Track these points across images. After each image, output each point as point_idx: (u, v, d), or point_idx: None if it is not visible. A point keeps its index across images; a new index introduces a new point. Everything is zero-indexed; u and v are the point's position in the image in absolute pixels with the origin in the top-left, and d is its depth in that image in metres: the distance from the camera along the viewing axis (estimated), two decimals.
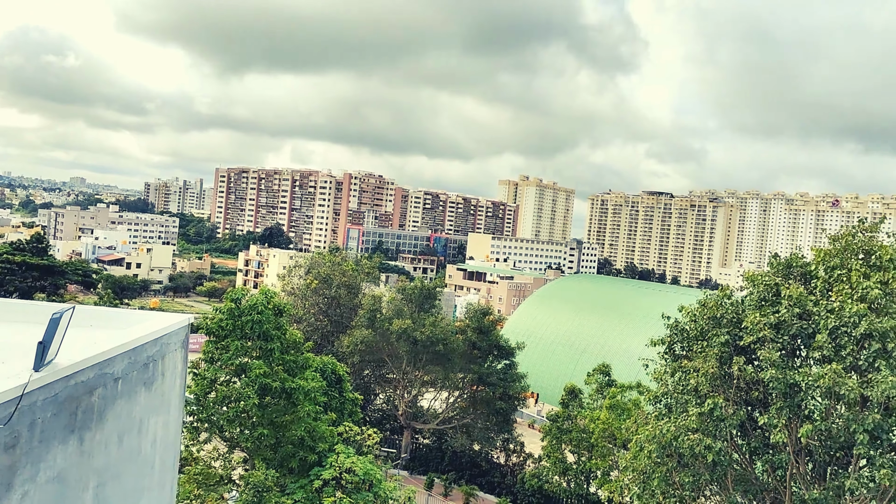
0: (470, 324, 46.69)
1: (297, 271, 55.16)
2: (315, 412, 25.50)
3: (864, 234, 23.02)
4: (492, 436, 45.48)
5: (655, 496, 23.14)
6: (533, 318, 75.18)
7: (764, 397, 22.11)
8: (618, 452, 33.32)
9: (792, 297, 21.82)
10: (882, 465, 18.99)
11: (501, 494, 42.09)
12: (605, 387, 39.60)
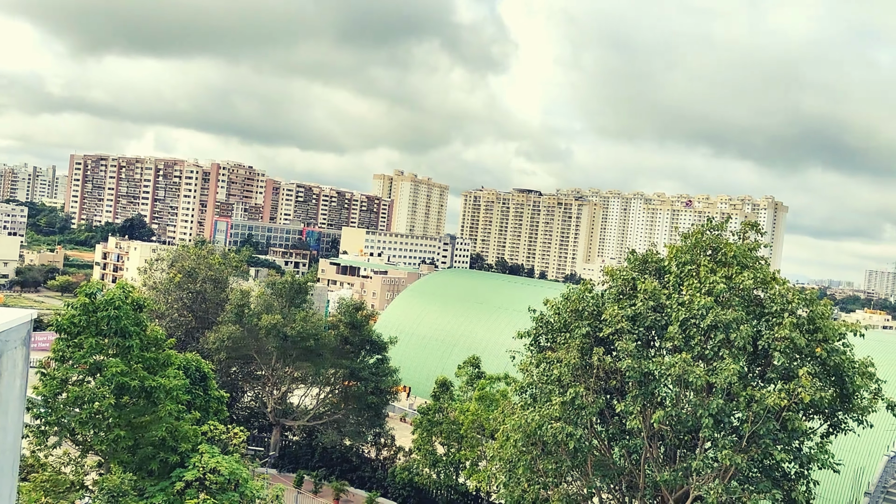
0: (342, 319, 46.28)
1: (159, 265, 52.58)
2: (177, 411, 24.44)
3: (711, 233, 24.77)
4: (363, 430, 45.34)
5: (521, 483, 23.91)
6: (406, 313, 75.58)
7: (621, 386, 23.34)
8: (486, 443, 34.15)
9: (647, 291, 23.16)
10: (724, 446, 20.55)
11: (372, 489, 42.06)
12: (475, 379, 40.46)
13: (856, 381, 22.26)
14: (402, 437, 48.47)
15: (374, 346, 46.70)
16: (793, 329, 21.07)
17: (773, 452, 20.54)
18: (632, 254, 26.47)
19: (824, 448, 21.68)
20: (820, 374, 21.78)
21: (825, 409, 22.44)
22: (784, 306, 22.05)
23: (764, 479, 21.43)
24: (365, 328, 46.77)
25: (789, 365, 21.26)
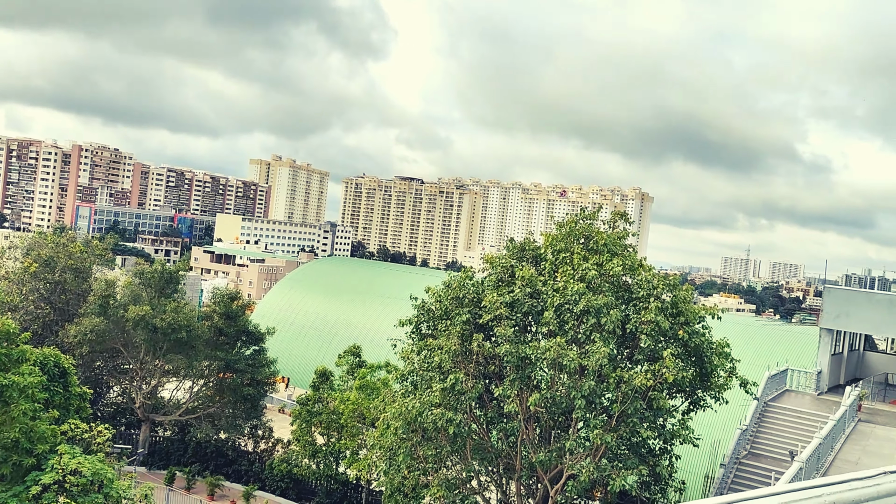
0: (217, 309, 44.61)
1: (12, 253, 48.60)
2: (33, 410, 22.71)
3: (584, 222, 25.70)
4: (239, 423, 44.00)
5: (401, 470, 23.99)
6: (285, 302, 73.97)
7: (500, 371, 23.85)
8: (367, 431, 34.02)
9: (524, 278, 23.74)
10: (595, 426, 21.44)
11: (249, 482, 40.98)
12: (356, 368, 40.18)
13: (714, 360, 23.84)
14: (280, 429, 47.49)
15: (250, 337, 45.38)
16: (658, 313, 22.24)
17: (640, 430, 21.65)
18: (510, 242, 27.04)
19: (685, 424, 23.10)
20: (682, 355, 23.17)
21: (686, 388, 23.90)
22: (650, 291, 23.23)
23: (631, 456, 22.56)
24: (241, 318, 45.34)
25: (655, 347, 22.43)
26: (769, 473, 26.94)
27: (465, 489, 24.08)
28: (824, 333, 36.78)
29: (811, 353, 40.01)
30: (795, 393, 36.04)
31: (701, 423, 28.79)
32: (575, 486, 21.84)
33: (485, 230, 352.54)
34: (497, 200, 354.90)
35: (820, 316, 37.12)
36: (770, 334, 54.68)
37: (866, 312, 35.22)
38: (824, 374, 36.66)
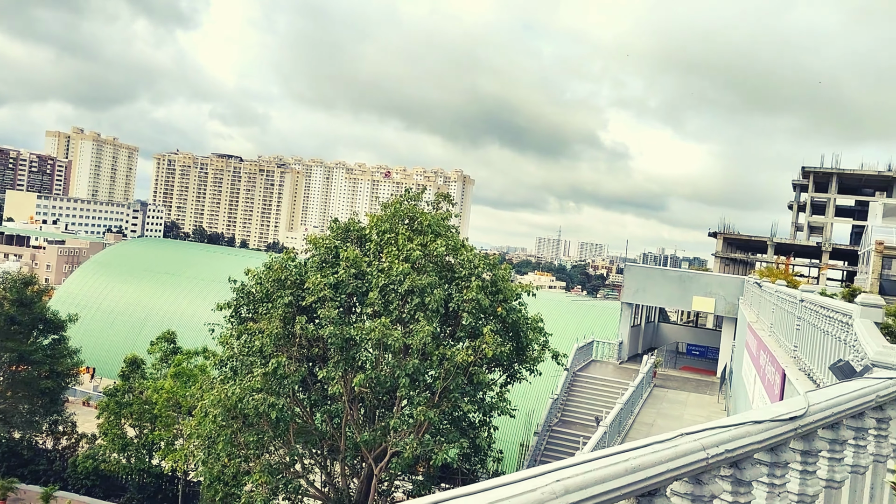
0: (8, 296, 40.29)
1: None
2: None
3: (409, 203, 26.00)
4: (37, 420, 40.16)
5: (221, 459, 23.11)
6: (90, 287, 68.32)
7: (324, 353, 23.61)
8: (183, 421, 32.40)
9: (349, 259, 23.61)
10: (418, 403, 21.87)
11: (49, 482, 37.64)
12: (171, 354, 38.07)
13: (529, 335, 25.14)
14: (85, 423, 43.98)
15: (48, 326, 41.46)
16: (478, 291, 23.06)
17: (462, 405, 22.40)
18: (334, 223, 26.76)
19: (503, 397, 24.20)
20: (500, 330, 24.21)
21: (504, 362, 25.04)
22: (471, 271, 24.01)
23: (453, 430, 23.29)
24: (37, 305, 41.29)
25: (475, 324, 23.25)
26: (577, 439, 28.99)
27: (289, 473, 23.69)
28: (625, 307, 40.03)
29: (614, 326, 43.47)
30: (600, 362, 39.01)
31: (517, 394, 30.36)
32: (399, 463, 22.21)
33: (308, 210, 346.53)
34: (320, 180, 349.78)
35: (621, 291, 40.35)
36: (578, 309, 58.61)
37: (660, 288, 38.79)
38: (625, 344, 39.96)
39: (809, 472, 3.23)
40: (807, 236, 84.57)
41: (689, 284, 37.81)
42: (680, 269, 51.90)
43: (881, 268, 45.98)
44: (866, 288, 43.87)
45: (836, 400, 3.39)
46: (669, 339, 49.00)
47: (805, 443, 3.21)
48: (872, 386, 3.81)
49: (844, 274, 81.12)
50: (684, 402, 32.46)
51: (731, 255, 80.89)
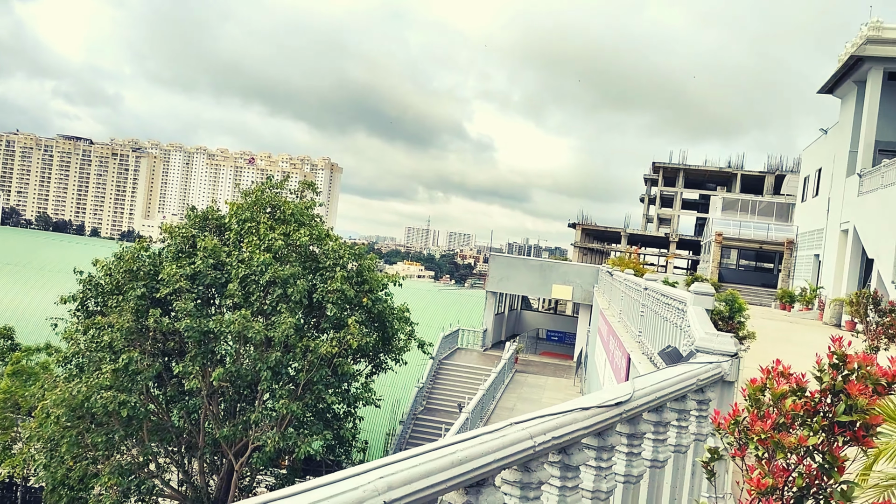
0: None
1: None
2: None
3: (271, 191, 25.32)
4: None
5: (65, 462, 21.62)
6: None
7: (180, 347, 22.60)
8: (22, 423, 30.01)
9: (207, 249, 22.69)
10: (281, 395, 21.43)
11: None
12: (8, 352, 35.16)
13: (395, 325, 25.23)
14: None
15: None
16: (343, 282, 22.85)
17: (326, 397, 22.15)
18: (191, 211, 25.62)
19: (368, 387, 24.16)
20: (366, 321, 24.14)
21: (370, 353, 25.00)
22: (336, 261, 23.75)
23: (317, 422, 23.02)
24: None
25: (340, 315, 23.03)
26: (440, 426, 29.48)
27: (143, 473, 22.53)
28: (489, 295, 41.05)
29: (480, 314, 44.47)
30: (466, 350, 39.82)
31: (383, 384, 30.41)
32: (260, 458, 21.67)
33: (166, 197, 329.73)
34: (180, 165, 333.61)
35: (486, 280, 41.34)
36: (445, 298, 59.49)
37: (522, 276, 40.07)
38: (489, 331, 41.00)
39: (635, 454, 3.42)
40: (657, 227, 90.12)
41: (549, 273, 39.31)
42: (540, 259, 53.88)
43: (720, 257, 49.80)
44: (707, 275, 47.41)
45: (660, 384, 3.61)
46: (531, 325, 50.79)
47: (631, 426, 3.39)
48: (694, 370, 4.10)
49: (690, 263, 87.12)
50: (543, 386, 33.77)
51: (589, 245, 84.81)
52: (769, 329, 23.51)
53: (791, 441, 2.40)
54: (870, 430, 2.48)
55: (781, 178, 68.51)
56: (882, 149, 33.16)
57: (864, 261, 32.19)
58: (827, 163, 39.06)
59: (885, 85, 33.32)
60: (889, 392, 2.52)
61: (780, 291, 39.34)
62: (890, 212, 27.77)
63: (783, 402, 2.47)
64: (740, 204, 53.99)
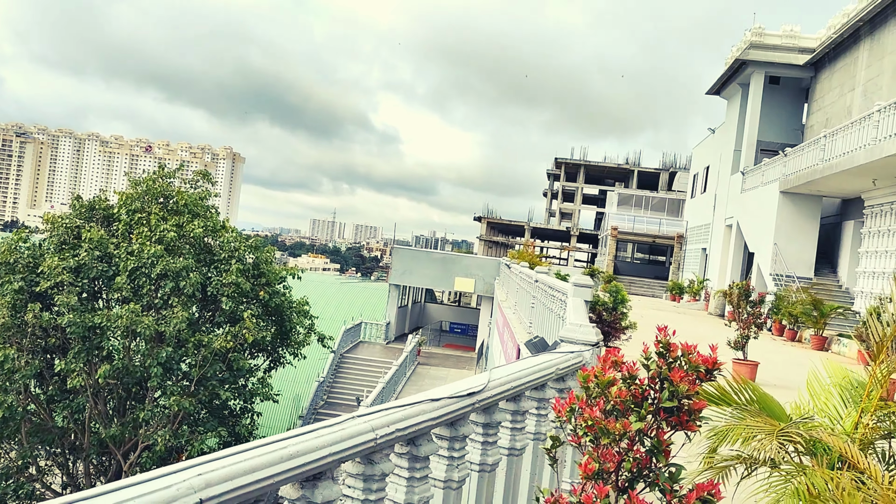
0: None
1: None
2: None
3: (163, 180, 24.37)
4: None
5: None
6: None
7: (63, 343, 21.48)
8: None
9: (93, 240, 21.63)
10: (173, 392, 20.73)
11: None
12: None
13: (293, 319, 24.84)
14: None
15: None
16: (239, 275, 22.28)
17: (220, 393, 21.57)
18: (76, 200, 24.33)
19: (265, 382, 23.68)
20: (263, 315, 23.66)
21: (267, 347, 24.51)
22: (231, 253, 23.13)
23: (212, 419, 22.39)
24: None
25: (236, 308, 22.47)
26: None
27: (22, 477, 21.30)
28: (393, 288, 41.04)
29: (384, 307, 44.38)
30: (368, 343, 39.69)
31: (283, 378, 29.94)
32: (151, 457, 20.90)
33: (55, 186, 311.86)
34: (70, 152, 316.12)
35: (389, 273, 41.33)
36: (349, 291, 59.08)
37: (426, 269, 40.27)
38: (392, 324, 41.00)
39: (490, 443, 3.50)
40: (559, 221, 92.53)
41: (452, 266, 39.68)
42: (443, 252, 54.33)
43: (616, 250, 51.64)
44: (604, 268, 49.06)
45: (517, 374, 3.70)
46: (435, 318, 51.16)
47: (486, 415, 3.46)
48: (555, 360, 4.23)
49: (590, 256, 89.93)
50: (445, 377, 34.08)
51: (494, 239, 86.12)
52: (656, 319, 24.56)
53: (617, 427, 2.52)
54: (693, 415, 2.63)
55: (675, 175, 71.66)
56: (763, 148, 35.20)
57: (746, 254, 34.13)
58: (714, 161, 41.13)
59: (766, 88, 35.34)
60: (710, 378, 2.68)
61: (671, 283, 41.22)
62: (768, 208, 29.55)
63: (609, 390, 2.59)
64: (635, 199, 56.18)
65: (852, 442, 3.54)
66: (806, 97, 35.73)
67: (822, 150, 24.56)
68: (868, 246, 24.73)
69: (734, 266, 34.84)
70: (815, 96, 33.88)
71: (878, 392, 3.67)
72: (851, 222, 27.71)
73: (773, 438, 3.04)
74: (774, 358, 15.70)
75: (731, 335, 11.81)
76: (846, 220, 28.49)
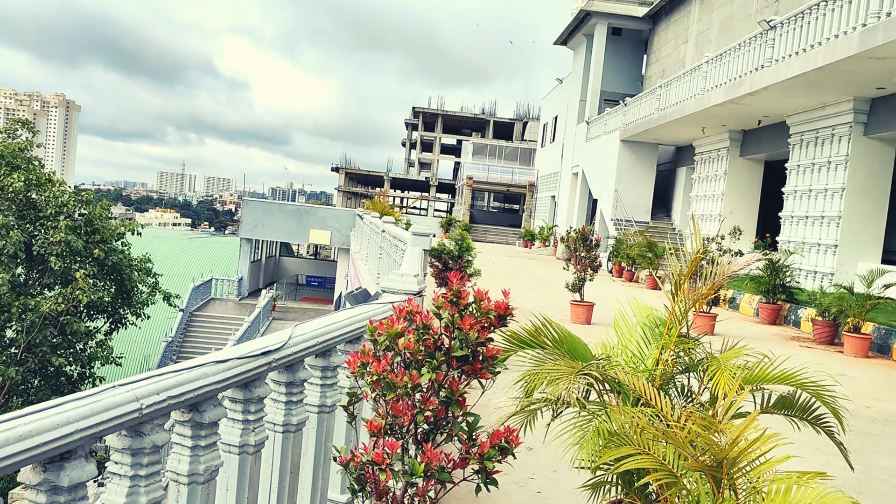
0: None
1: None
2: None
3: None
4: None
5: None
6: None
7: None
8: None
9: None
10: None
11: None
12: None
13: (134, 277, 23.41)
14: None
15: None
16: (69, 232, 20.63)
17: (52, 360, 20.07)
18: None
19: (106, 346, 22.28)
20: (99, 274, 22.11)
21: (107, 308, 23.01)
22: (59, 209, 21.32)
23: (45, 388, 20.86)
24: None
25: (67, 268, 20.85)
26: None
27: None
28: (244, 243, 39.68)
29: (236, 262, 42.83)
30: (220, 300, 38.31)
31: (127, 340, 28.36)
32: None
33: None
34: None
35: (240, 227, 39.81)
36: (200, 246, 56.55)
37: (279, 222, 39.11)
38: (245, 280, 39.75)
39: (295, 402, 3.32)
40: (418, 171, 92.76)
41: (307, 218, 38.76)
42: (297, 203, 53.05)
43: (472, 199, 52.55)
44: (460, 217, 49.89)
45: (326, 328, 3.53)
46: (291, 272, 50.11)
47: (289, 374, 3.27)
48: (371, 311, 4.09)
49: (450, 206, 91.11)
50: None
51: (353, 190, 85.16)
52: (506, 266, 25.32)
53: (404, 380, 2.41)
54: (486, 363, 2.58)
55: (527, 125, 73.51)
56: (607, 98, 36.67)
57: (591, 201, 35.75)
58: (562, 111, 42.45)
59: (609, 39, 36.65)
60: (503, 324, 2.62)
61: (523, 230, 42.57)
62: (609, 156, 30.95)
63: (397, 342, 2.47)
64: (489, 149, 57.14)
65: (653, 379, 3.67)
66: (645, 48, 37.42)
67: (658, 100, 25.89)
68: (698, 191, 26.53)
69: (580, 212, 36.43)
70: (654, 48, 35.57)
71: (676, 328, 3.80)
72: (684, 168, 29.59)
73: (570, 380, 3.06)
74: (610, 297, 16.57)
75: (569, 278, 12.28)
76: (679, 167, 30.39)
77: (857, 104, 17.19)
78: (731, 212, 24.04)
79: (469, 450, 2.60)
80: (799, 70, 15.75)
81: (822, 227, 18.26)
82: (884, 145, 17.49)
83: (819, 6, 15.68)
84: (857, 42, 13.66)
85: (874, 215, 17.59)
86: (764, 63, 17.81)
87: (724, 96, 19.68)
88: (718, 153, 25.07)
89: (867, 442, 6.70)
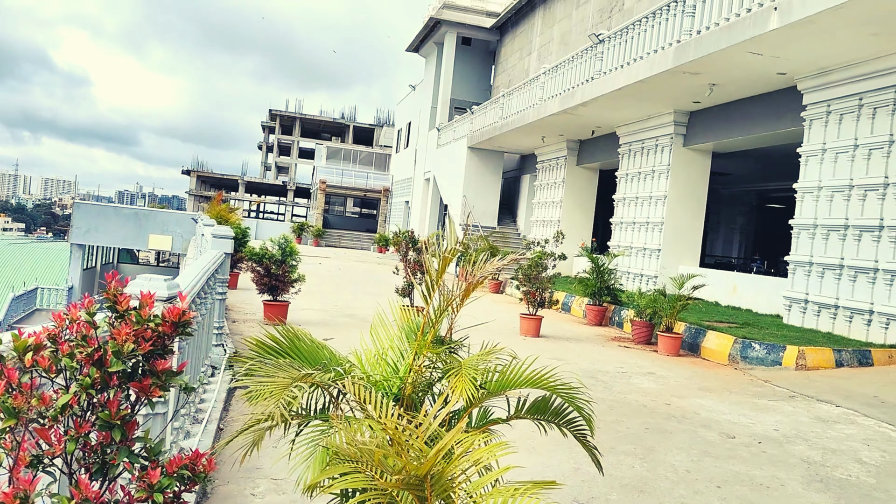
0: None
1: None
2: None
3: None
4: None
5: None
6: None
7: None
8: None
9: None
10: None
11: None
12: None
13: None
14: None
15: None
16: None
17: None
18: None
19: None
20: None
21: None
22: None
23: None
24: None
25: None
26: None
27: None
28: (75, 249, 36.82)
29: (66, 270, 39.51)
30: (46, 311, 35.33)
31: None
32: None
33: None
34: None
35: (69, 231, 36.85)
36: (24, 254, 51.98)
37: (115, 227, 36.53)
38: (76, 289, 36.85)
39: None
40: (275, 175, 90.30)
41: (146, 222, 36.47)
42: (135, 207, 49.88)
43: (326, 203, 51.68)
44: (313, 222, 48.93)
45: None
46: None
47: None
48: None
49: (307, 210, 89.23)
50: None
51: (206, 194, 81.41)
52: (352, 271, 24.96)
53: (33, 404, 2.03)
54: (159, 378, 2.24)
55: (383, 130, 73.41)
56: (457, 106, 37.17)
57: (442, 206, 36.07)
58: (415, 117, 42.65)
59: (458, 48, 37.20)
60: (179, 332, 2.29)
61: (378, 236, 42.35)
62: (458, 162, 31.36)
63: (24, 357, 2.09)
64: (343, 153, 56.44)
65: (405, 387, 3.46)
66: (494, 59, 38.31)
67: (501, 109, 26.47)
68: (540, 197, 27.37)
69: (432, 217, 36.66)
70: (501, 59, 36.46)
71: (432, 332, 3.62)
72: (528, 176, 30.46)
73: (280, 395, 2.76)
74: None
75: (399, 282, 12.12)
76: (524, 174, 31.27)
77: (677, 117, 18.29)
78: (559, 220, 24.97)
79: (144, 477, 2.24)
80: (624, 82, 16.51)
81: (647, 233, 19.28)
82: (700, 156, 18.74)
83: (642, 21, 16.52)
84: (672, 57, 14.47)
85: (692, 221, 18.79)
86: (594, 75, 18.57)
87: (559, 106, 20.35)
88: (557, 161, 25.97)
89: (660, 439, 6.92)
